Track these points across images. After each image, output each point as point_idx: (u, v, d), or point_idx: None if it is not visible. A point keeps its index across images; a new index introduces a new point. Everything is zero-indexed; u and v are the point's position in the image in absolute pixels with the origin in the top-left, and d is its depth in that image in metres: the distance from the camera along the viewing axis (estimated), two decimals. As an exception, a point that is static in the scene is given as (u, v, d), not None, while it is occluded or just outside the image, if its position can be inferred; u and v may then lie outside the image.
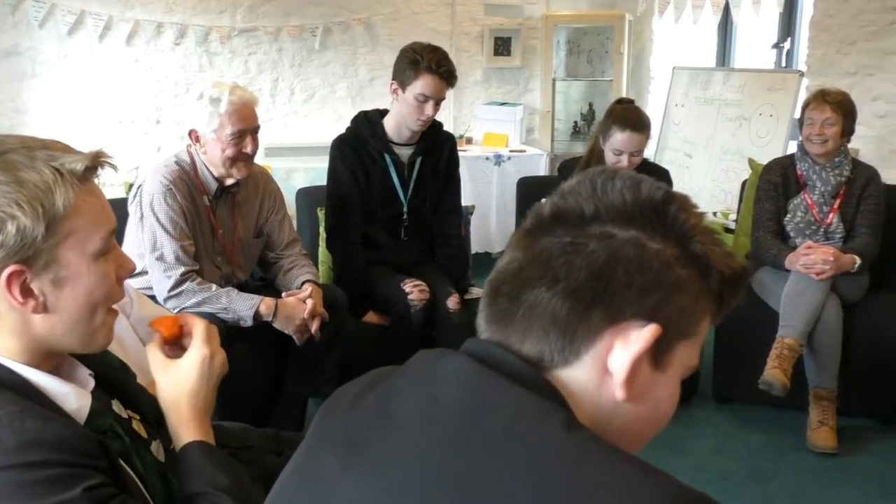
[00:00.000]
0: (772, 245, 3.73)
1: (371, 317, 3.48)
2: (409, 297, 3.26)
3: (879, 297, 3.70)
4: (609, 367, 0.83)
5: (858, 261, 3.58)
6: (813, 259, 3.52)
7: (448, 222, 3.61)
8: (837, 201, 3.72)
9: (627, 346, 0.82)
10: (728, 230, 4.74)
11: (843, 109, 3.68)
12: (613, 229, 0.83)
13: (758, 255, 3.81)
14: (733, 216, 4.62)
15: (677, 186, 4.92)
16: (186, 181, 2.97)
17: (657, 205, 0.85)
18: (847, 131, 3.71)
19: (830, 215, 3.71)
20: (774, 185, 3.81)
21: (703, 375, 3.93)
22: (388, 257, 3.52)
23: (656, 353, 0.84)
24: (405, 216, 3.52)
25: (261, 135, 3.07)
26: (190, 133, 2.99)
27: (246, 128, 2.94)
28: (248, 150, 2.96)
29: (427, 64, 3.25)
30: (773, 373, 3.40)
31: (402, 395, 0.87)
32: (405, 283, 3.29)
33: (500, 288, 0.87)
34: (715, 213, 5.14)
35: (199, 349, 1.42)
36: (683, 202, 0.87)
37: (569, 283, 0.82)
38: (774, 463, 3.37)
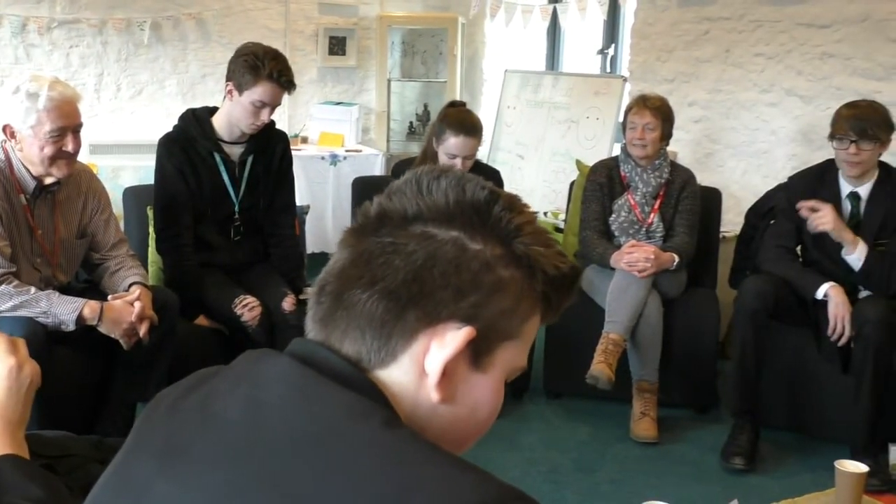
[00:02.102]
0: (598, 244, 3.89)
1: (203, 320, 3.40)
2: (242, 319, 3.20)
3: (696, 293, 3.91)
4: (425, 368, 0.83)
5: (677, 259, 3.77)
6: (635, 257, 3.68)
7: (281, 222, 3.56)
8: (658, 202, 3.91)
9: (442, 347, 0.82)
10: (558, 230, 4.90)
11: (663, 115, 3.87)
12: (434, 230, 0.83)
13: (585, 253, 3.96)
14: (563, 216, 4.78)
15: (510, 187, 5.04)
16: (1, 179, 2.82)
17: (480, 205, 0.84)
18: (666, 135, 3.91)
19: (652, 215, 3.90)
20: (600, 185, 3.97)
21: (534, 372, 4.04)
22: (221, 258, 3.44)
23: (476, 355, 0.84)
24: (237, 216, 3.45)
25: (85, 131, 2.94)
26: (4, 129, 2.83)
27: (66, 125, 2.81)
28: (69, 148, 2.83)
29: (269, 72, 3.18)
30: (600, 367, 3.53)
31: (223, 397, 0.85)
32: (235, 305, 3.21)
33: (324, 288, 0.87)
34: (546, 213, 5.30)
35: (4, 361, 1.36)
36: (510, 202, 0.86)
37: (386, 283, 0.82)
38: (601, 454, 3.51)
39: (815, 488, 2.76)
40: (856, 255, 3.38)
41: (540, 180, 5.72)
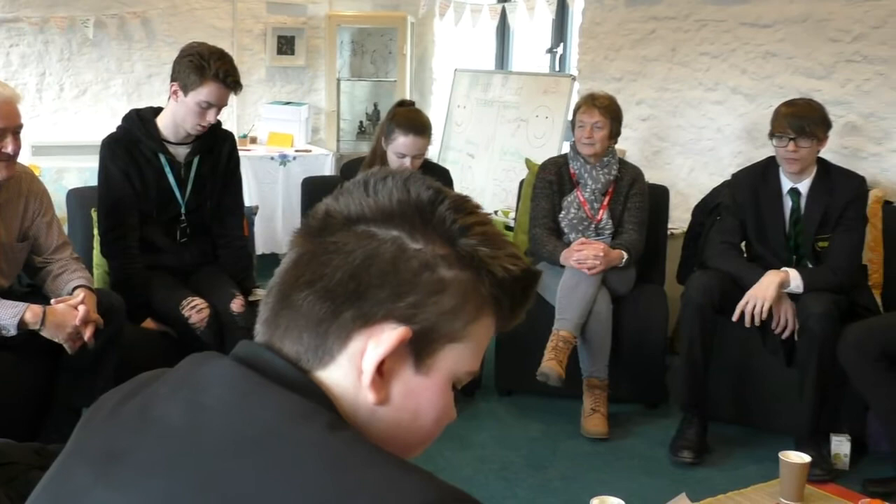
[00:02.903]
0: (547, 241, 3.91)
1: (150, 323, 3.35)
2: (190, 321, 3.16)
3: (644, 289, 3.95)
4: (362, 367, 0.83)
5: (626, 255, 3.81)
6: (585, 254, 3.71)
7: (230, 223, 3.53)
8: (607, 199, 3.94)
9: (377, 346, 0.82)
10: (508, 228, 4.92)
11: (611, 113, 3.91)
12: (375, 229, 0.83)
13: (535, 251, 3.98)
14: (513, 214, 4.80)
15: (460, 186, 5.05)
16: (-62, 182, 2.76)
17: (423, 204, 0.84)
18: (614, 133, 3.95)
19: (601, 212, 3.93)
20: (550, 183, 4.00)
21: (485, 369, 4.06)
22: (167, 260, 3.40)
23: (417, 356, 0.84)
24: (183, 217, 3.41)
25: (27, 132, 2.88)
26: (-58, 130, 2.77)
27: (5, 126, 2.75)
28: (9, 150, 2.78)
29: (215, 72, 3.15)
30: (550, 364, 3.56)
31: (164, 401, 0.84)
32: (182, 307, 3.17)
33: (272, 289, 0.87)
34: (496, 212, 5.32)
35: None
36: (457, 202, 0.85)
37: (325, 283, 0.82)
38: (552, 450, 3.53)
39: (760, 479, 2.80)
40: (793, 284, 3.43)
41: (490, 179, 5.74)
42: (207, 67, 3.15)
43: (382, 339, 0.82)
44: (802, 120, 3.42)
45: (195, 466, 0.77)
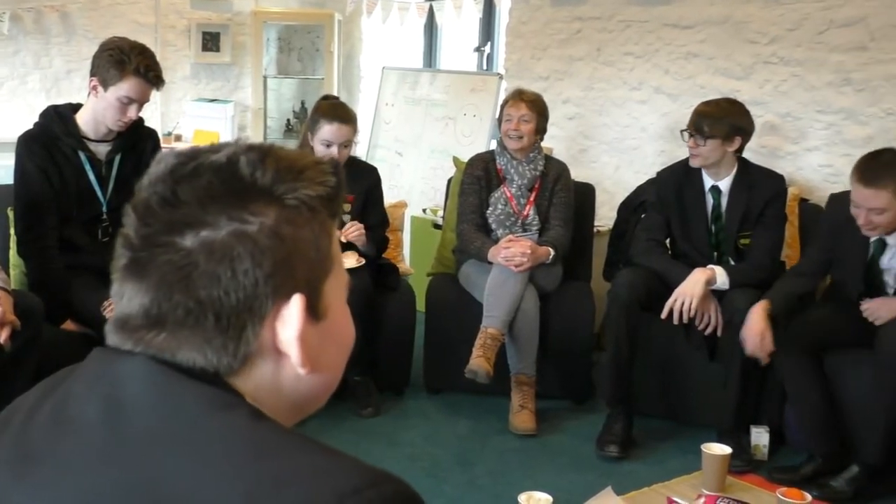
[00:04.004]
0: (475, 238, 3.93)
1: (70, 324, 3.27)
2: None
3: (571, 286, 3.99)
4: (282, 351, 0.83)
5: (553, 252, 3.85)
6: (512, 252, 3.74)
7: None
8: (533, 194, 3.98)
9: (287, 326, 0.82)
10: (436, 226, 4.93)
11: (538, 108, 3.96)
12: (209, 234, 0.80)
13: (463, 247, 4.00)
14: (441, 212, 4.81)
15: (389, 184, 5.04)
16: None
17: (229, 184, 0.81)
18: (540, 129, 3.99)
19: (527, 207, 3.97)
20: (477, 178, 4.01)
21: (413, 368, 4.06)
22: (88, 260, 3.31)
23: (313, 310, 0.84)
24: (105, 216, 3.33)
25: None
26: None
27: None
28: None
29: (135, 66, 3.09)
30: (478, 362, 3.57)
31: (79, 398, 0.82)
32: (104, 307, 3.10)
33: (128, 322, 0.84)
34: (425, 210, 5.32)
35: None
36: (251, 156, 0.82)
37: (203, 306, 0.80)
38: (480, 447, 3.55)
39: (684, 471, 2.86)
40: (719, 281, 3.51)
41: (418, 177, 5.74)
42: (128, 62, 3.09)
43: (286, 317, 0.82)
44: (705, 119, 3.52)
45: (118, 462, 0.76)
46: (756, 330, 3.27)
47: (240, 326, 0.81)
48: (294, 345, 0.82)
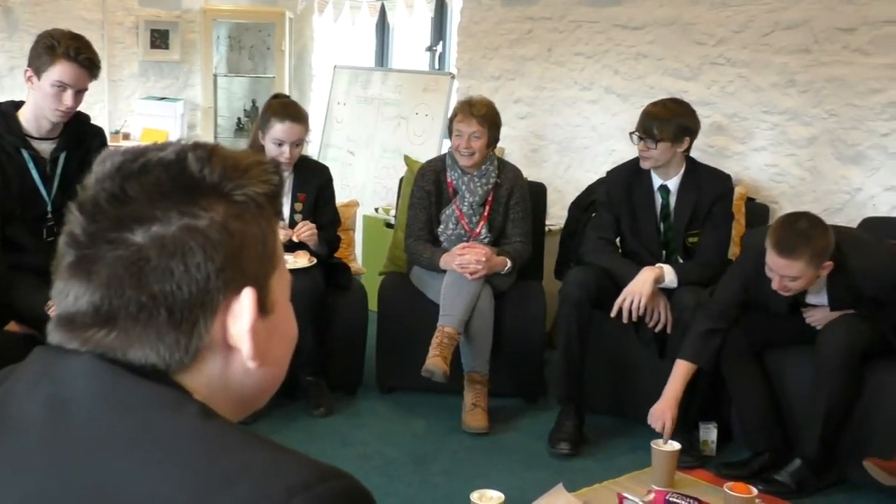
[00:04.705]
0: (423, 249, 3.89)
1: (14, 326, 3.21)
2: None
3: (524, 285, 4.00)
4: (232, 345, 0.83)
5: (509, 264, 3.84)
6: (467, 259, 3.72)
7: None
8: (486, 209, 3.93)
9: (238, 320, 0.82)
10: (389, 225, 4.92)
11: (490, 122, 3.85)
12: (160, 230, 0.80)
13: (412, 260, 3.97)
14: (394, 212, 4.80)
15: (341, 183, 5.02)
16: None
17: (178, 181, 0.81)
18: (492, 141, 3.91)
19: (480, 225, 3.92)
20: (427, 193, 3.95)
21: (366, 367, 4.05)
22: (33, 260, 3.25)
23: (261, 305, 0.85)
24: (49, 216, 3.28)
25: None
26: None
27: None
28: None
29: (64, 50, 3.06)
30: (435, 361, 3.57)
31: (21, 398, 0.81)
32: (49, 308, 3.04)
33: (76, 319, 0.83)
34: (377, 209, 5.31)
35: None
36: (199, 154, 0.83)
37: (156, 301, 0.79)
38: (433, 446, 3.55)
39: (634, 468, 2.90)
40: (668, 279, 3.54)
41: (371, 176, 5.73)
42: (58, 46, 3.08)
43: (237, 311, 0.82)
44: (654, 122, 3.55)
45: (64, 464, 0.75)
46: (661, 408, 3.23)
47: (192, 321, 0.81)
48: (246, 338, 0.83)
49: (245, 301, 0.82)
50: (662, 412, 3.20)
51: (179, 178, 0.81)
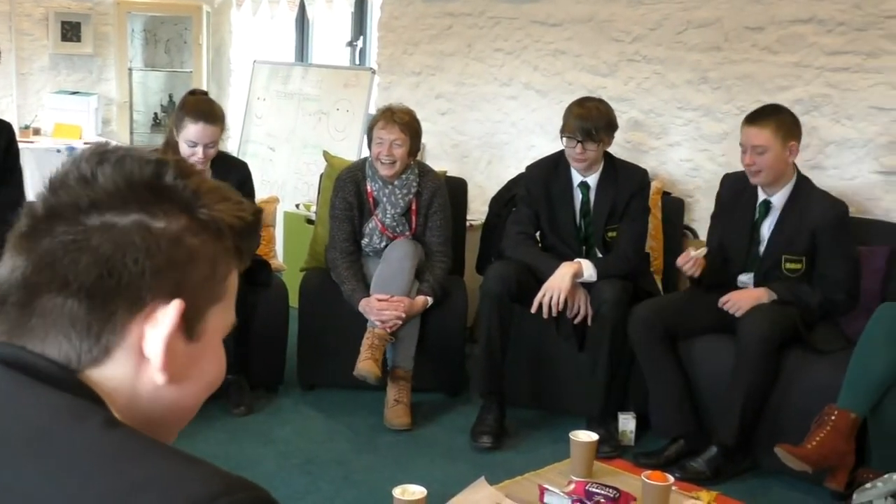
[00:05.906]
0: (346, 277, 3.78)
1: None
2: None
3: (446, 280, 4.01)
4: (145, 354, 0.81)
5: (430, 300, 3.76)
6: (388, 315, 3.63)
7: (8, 219, 3.27)
8: (413, 219, 3.88)
9: (157, 327, 0.80)
10: (310, 221, 4.89)
11: (411, 130, 3.81)
12: (113, 218, 0.80)
13: (334, 277, 3.87)
14: (314, 208, 4.77)
15: (261, 179, 4.97)
16: None
17: (150, 181, 0.82)
18: (414, 150, 3.87)
19: (406, 235, 3.87)
20: (350, 205, 3.87)
21: (287, 364, 4.02)
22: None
23: (189, 326, 0.83)
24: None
25: None
26: None
27: None
28: None
29: None
30: (366, 364, 3.55)
31: None
32: None
33: (7, 298, 0.81)
34: (298, 206, 5.27)
35: None
36: (179, 168, 0.84)
37: (80, 283, 0.79)
38: (355, 443, 3.54)
39: (555, 459, 2.92)
40: (587, 274, 3.59)
41: (291, 172, 5.68)
42: None
43: (159, 318, 0.80)
44: (590, 124, 3.58)
45: None
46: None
47: (110, 310, 0.79)
48: (159, 346, 0.80)
49: (171, 310, 0.80)
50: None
51: (152, 180, 0.81)
